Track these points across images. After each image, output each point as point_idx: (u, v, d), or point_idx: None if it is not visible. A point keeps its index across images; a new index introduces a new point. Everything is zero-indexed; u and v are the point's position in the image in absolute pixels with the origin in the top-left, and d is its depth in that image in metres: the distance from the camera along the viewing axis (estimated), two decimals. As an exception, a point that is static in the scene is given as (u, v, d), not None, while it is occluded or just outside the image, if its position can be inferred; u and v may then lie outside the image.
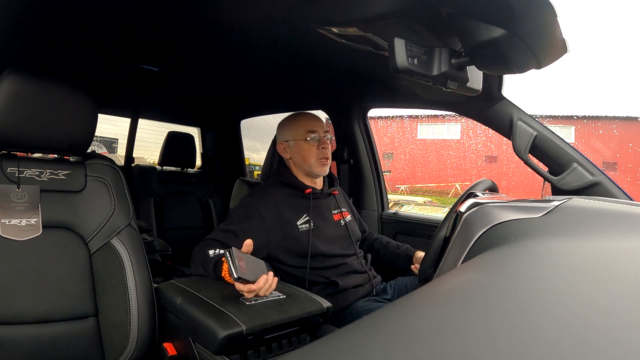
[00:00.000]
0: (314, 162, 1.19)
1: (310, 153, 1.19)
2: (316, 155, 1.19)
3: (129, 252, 0.90)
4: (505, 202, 0.68)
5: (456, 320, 0.28)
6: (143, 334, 0.87)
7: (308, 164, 1.20)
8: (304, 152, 1.20)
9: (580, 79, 17.59)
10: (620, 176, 6.19)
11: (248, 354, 0.78)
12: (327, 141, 1.21)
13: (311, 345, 0.27)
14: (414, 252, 1.31)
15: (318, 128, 1.21)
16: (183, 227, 2.15)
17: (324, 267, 1.15)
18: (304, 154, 1.20)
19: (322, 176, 1.24)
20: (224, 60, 1.45)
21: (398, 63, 0.64)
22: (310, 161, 1.20)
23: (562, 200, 0.62)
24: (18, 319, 0.79)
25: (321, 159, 1.19)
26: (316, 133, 1.20)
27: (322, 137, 1.20)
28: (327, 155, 1.20)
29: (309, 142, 1.19)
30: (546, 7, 0.57)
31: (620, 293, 0.31)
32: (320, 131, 1.21)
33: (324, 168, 1.20)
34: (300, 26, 0.97)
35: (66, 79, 0.87)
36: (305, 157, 1.20)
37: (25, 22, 1.11)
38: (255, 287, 0.83)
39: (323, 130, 1.22)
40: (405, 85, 1.31)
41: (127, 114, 2.36)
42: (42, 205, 0.86)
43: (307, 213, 1.16)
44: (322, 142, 1.20)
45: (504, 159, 7.21)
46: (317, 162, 1.19)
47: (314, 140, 1.20)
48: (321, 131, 1.21)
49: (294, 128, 1.23)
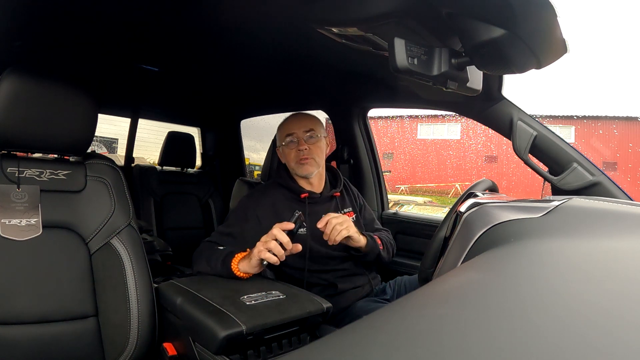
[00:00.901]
0: (294, 165, 1.19)
1: (290, 157, 1.20)
2: (294, 157, 1.18)
3: (129, 252, 0.90)
4: (505, 202, 0.68)
5: (456, 320, 0.28)
6: (143, 334, 0.87)
7: (290, 167, 1.21)
8: (286, 156, 1.21)
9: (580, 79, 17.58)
10: (620, 176, 6.19)
11: (248, 354, 0.78)
12: (305, 141, 1.18)
13: (311, 345, 0.27)
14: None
15: (296, 129, 1.19)
16: (183, 227, 2.15)
17: (322, 270, 1.15)
18: (286, 158, 1.22)
19: (308, 177, 1.20)
20: (224, 60, 1.45)
21: (398, 63, 0.64)
22: (290, 164, 1.20)
23: (562, 200, 0.62)
24: (18, 319, 0.79)
25: (299, 159, 1.17)
26: (293, 135, 1.19)
27: (301, 137, 1.18)
28: (304, 156, 1.17)
29: (288, 146, 1.20)
30: (546, 7, 0.57)
31: (620, 293, 0.31)
32: (298, 132, 1.19)
33: (303, 167, 1.17)
34: (300, 26, 0.97)
35: (66, 79, 0.87)
36: (287, 160, 1.21)
37: (25, 22, 1.11)
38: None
39: (303, 130, 1.19)
40: (405, 85, 1.31)
41: (127, 114, 2.36)
42: (42, 205, 0.86)
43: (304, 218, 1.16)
44: (300, 143, 1.18)
45: (504, 159, 7.21)
46: (296, 164, 1.18)
47: (292, 144, 1.19)
48: (300, 132, 1.19)
49: (279, 134, 1.25)
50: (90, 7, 1.02)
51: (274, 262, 0.90)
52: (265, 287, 0.91)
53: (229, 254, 0.96)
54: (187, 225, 2.17)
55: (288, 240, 0.90)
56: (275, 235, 0.90)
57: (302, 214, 0.95)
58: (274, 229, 0.92)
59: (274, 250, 0.89)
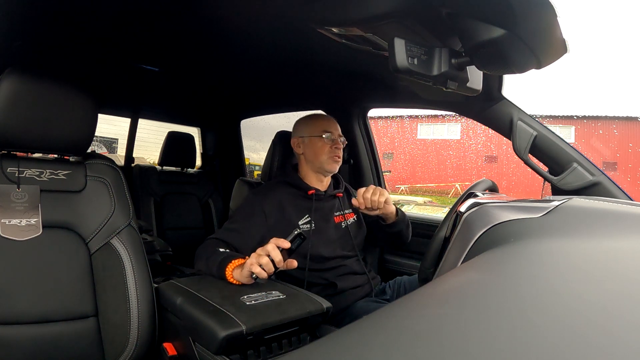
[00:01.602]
0: (325, 159, 1.22)
1: (323, 150, 1.22)
2: (328, 152, 1.22)
3: (129, 252, 0.90)
4: (505, 202, 0.68)
5: (456, 320, 0.28)
6: (143, 334, 0.87)
7: (320, 160, 1.22)
8: (317, 148, 1.23)
9: (580, 79, 17.59)
10: (620, 176, 6.19)
11: (248, 354, 0.78)
12: (340, 143, 1.24)
13: (311, 345, 0.27)
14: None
15: (333, 130, 1.25)
16: (183, 227, 2.15)
17: (323, 269, 1.15)
18: (316, 150, 1.23)
19: (330, 175, 1.26)
20: (224, 60, 1.45)
21: (398, 63, 0.64)
22: (321, 157, 1.22)
23: (562, 200, 0.62)
24: (18, 319, 0.79)
25: (333, 156, 1.22)
26: (332, 133, 1.24)
27: (337, 138, 1.24)
28: (339, 154, 1.23)
29: (323, 140, 1.23)
30: (546, 7, 0.57)
31: (620, 293, 0.31)
32: (335, 133, 1.25)
33: (334, 165, 1.23)
34: (300, 26, 0.97)
35: (66, 79, 0.87)
36: (318, 153, 1.22)
37: (25, 22, 1.11)
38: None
39: (338, 133, 1.26)
40: (405, 85, 1.31)
41: (127, 114, 2.36)
42: (42, 205, 0.86)
43: (309, 214, 1.18)
44: (336, 142, 1.23)
45: (504, 159, 7.21)
46: (329, 158, 1.22)
47: (328, 139, 1.23)
48: (336, 133, 1.25)
49: (310, 125, 1.26)
50: (90, 7, 1.02)
51: (263, 277, 0.89)
52: (265, 287, 0.91)
53: (226, 259, 0.95)
54: (187, 225, 2.17)
55: (280, 259, 0.89)
56: (269, 252, 0.89)
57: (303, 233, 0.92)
58: (270, 244, 0.90)
59: (265, 267, 0.88)
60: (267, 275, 0.90)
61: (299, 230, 0.92)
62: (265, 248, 0.90)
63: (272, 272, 0.90)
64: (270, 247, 0.89)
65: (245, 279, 0.91)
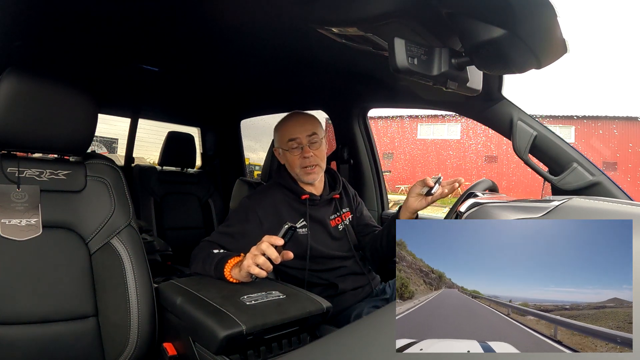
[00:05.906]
0: (298, 172, 1.17)
1: (295, 163, 1.17)
2: (299, 164, 1.16)
3: (129, 252, 0.90)
4: (505, 202, 0.68)
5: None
6: (143, 334, 0.87)
7: (294, 172, 1.19)
8: (290, 161, 1.18)
9: (580, 79, 17.59)
10: (620, 176, 6.19)
11: (248, 354, 0.78)
12: (309, 148, 1.16)
13: (311, 345, 0.27)
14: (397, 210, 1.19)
15: (299, 134, 1.16)
16: (183, 227, 2.15)
17: (323, 270, 1.15)
18: (289, 162, 1.19)
19: (313, 183, 1.19)
20: (224, 60, 1.45)
21: (398, 63, 0.64)
22: (295, 170, 1.18)
23: (562, 200, 0.62)
24: (18, 319, 0.79)
25: (305, 167, 1.16)
26: (296, 140, 1.16)
27: (305, 143, 1.16)
28: (310, 164, 1.16)
29: (291, 152, 1.17)
30: (546, 7, 0.57)
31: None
32: (301, 137, 1.16)
33: (309, 176, 1.17)
34: (300, 26, 0.97)
35: (66, 79, 0.87)
36: (291, 165, 1.18)
37: (25, 22, 1.11)
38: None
39: (306, 134, 1.16)
40: (405, 85, 1.31)
41: (127, 114, 2.36)
42: (42, 205, 0.86)
43: (304, 218, 1.16)
44: (305, 150, 1.15)
45: (504, 159, 7.22)
46: (301, 171, 1.16)
47: (296, 150, 1.16)
48: (303, 137, 1.16)
49: (279, 135, 1.21)
50: (90, 8, 1.02)
51: (262, 276, 0.90)
52: (265, 287, 0.91)
53: (222, 259, 0.95)
54: (187, 225, 2.17)
55: (277, 256, 0.89)
56: (264, 251, 0.89)
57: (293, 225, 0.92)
58: (263, 243, 0.90)
59: (263, 266, 0.88)
60: (266, 274, 0.90)
61: (288, 224, 0.92)
62: (260, 247, 0.90)
63: (270, 270, 0.90)
64: (264, 246, 0.89)
65: (244, 278, 0.91)
